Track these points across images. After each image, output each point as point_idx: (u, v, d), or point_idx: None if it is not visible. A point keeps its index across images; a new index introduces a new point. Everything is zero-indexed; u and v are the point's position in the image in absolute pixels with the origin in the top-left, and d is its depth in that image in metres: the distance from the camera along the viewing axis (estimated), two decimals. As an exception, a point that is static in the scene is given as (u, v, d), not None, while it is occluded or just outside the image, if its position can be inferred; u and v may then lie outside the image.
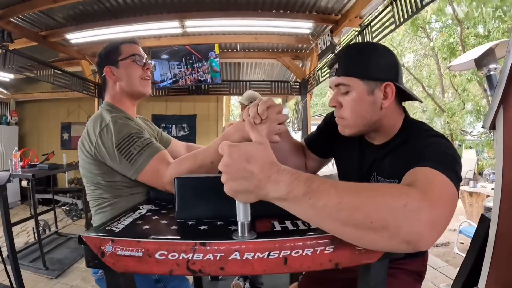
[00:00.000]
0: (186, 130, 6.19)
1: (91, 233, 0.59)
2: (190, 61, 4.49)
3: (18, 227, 4.10)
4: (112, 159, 0.96)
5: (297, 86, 4.94)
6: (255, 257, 0.54)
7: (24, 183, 5.16)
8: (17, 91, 6.56)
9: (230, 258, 0.54)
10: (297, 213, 0.52)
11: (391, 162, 0.86)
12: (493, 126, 1.19)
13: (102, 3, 3.20)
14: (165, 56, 4.46)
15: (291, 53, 4.84)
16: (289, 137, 1.11)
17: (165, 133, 1.44)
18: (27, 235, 4.22)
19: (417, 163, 0.64)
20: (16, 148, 3.22)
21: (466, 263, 1.08)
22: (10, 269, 2.31)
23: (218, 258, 0.54)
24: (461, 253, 3.44)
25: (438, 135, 0.79)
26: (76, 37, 3.78)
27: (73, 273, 3.03)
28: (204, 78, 4.62)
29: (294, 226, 0.64)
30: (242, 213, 0.56)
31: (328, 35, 3.57)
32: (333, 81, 0.86)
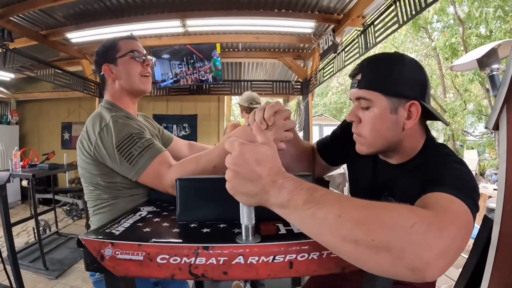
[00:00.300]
0: (187, 130, 6.18)
1: (90, 236, 0.57)
2: (192, 61, 4.48)
3: (18, 227, 4.10)
4: (112, 160, 0.94)
5: (299, 86, 4.91)
6: (260, 261, 0.52)
7: (24, 183, 5.15)
8: (18, 90, 6.56)
9: (233, 262, 0.52)
10: (296, 223, 0.51)
11: (405, 184, 0.80)
12: (496, 127, 1.17)
13: (103, 2, 3.19)
14: (166, 56, 4.45)
15: (293, 53, 4.82)
16: (298, 140, 1.06)
17: (166, 130, 1.42)
18: (27, 235, 4.21)
19: (433, 188, 0.60)
20: (16, 148, 3.21)
21: (469, 264, 1.07)
22: (9, 269, 2.30)
23: (221, 262, 0.52)
24: (463, 254, 3.40)
25: (458, 161, 0.73)
26: (77, 36, 3.77)
27: (73, 273, 3.02)
28: (206, 77, 4.60)
29: (300, 229, 0.62)
30: (246, 215, 0.55)
31: (330, 34, 3.56)
32: (354, 94, 0.80)
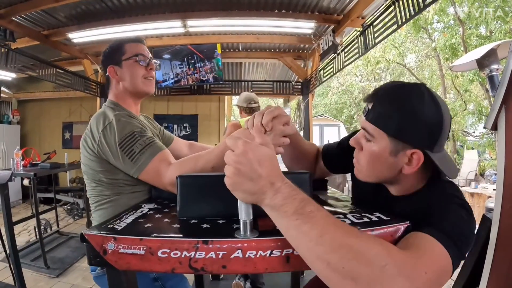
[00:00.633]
0: (187, 130, 6.20)
1: (93, 231, 0.59)
2: (192, 61, 4.50)
3: (19, 226, 4.10)
4: (114, 157, 0.96)
5: (299, 86, 4.93)
6: (258, 255, 0.54)
7: (25, 182, 5.15)
8: (19, 90, 6.59)
9: (232, 256, 0.54)
10: (281, 228, 0.53)
11: (402, 214, 0.76)
12: (495, 127, 1.18)
13: (104, 2, 3.21)
14: (167, 56, 4.47)
15: (293, 53, 4.83)
16: (300, 143, 1.03)
17: (167, 131, 1.44)
18: (29, 234, 4.22)
19: (422, 227, 0.59)
20: (18, 147, 3.22)
21: (467, 264, 1.07)
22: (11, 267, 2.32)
23: (220, 256, 0.54)
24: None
25: (461, 204, 0.69)
26: (78, 37, 3.79)
27: (74, 272, 3.04)
28: (206, 78, 4.62)
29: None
30: (244, 211, 0.56)
31: (330, 35, 3.57)
32: (361, 122, 0.78)
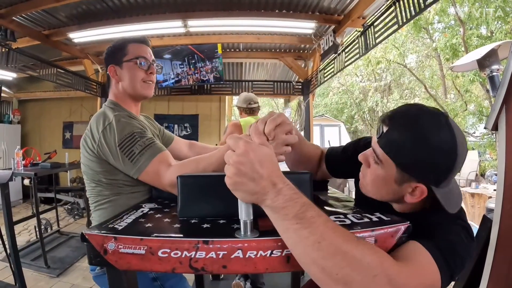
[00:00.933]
0: (188, 130, 6.20)
1: (94, 230, 0.59)
2: (193, 61, 4.50)
3: (20, 225, 4.11)
4: (114, 157, 0.96)
5: (300, 86, 4.92)
6: (258, 255, 0.54)
7: (26, 182, 5.15)
8: (20, 90, 6.59)
9: (232, 256, 0.54)
10: (279, 229, 0.53)
11: None
12: (495, 127, 1.18)
13: (105, 2, 3.21)
14: (167, 56, 4.47)
15: (294, 53, 4.83)
16: (302, 148, 1.00)
17: (167, 130, 1.44)
18: (29, 233, 4.23)
19: (421, 239, 0.60)
20: (18, 147, 3.22)
21: (468, 264, 1.07)
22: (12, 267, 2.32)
23: (220, 256, 0.54)
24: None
25: (463, 226, 0.69)
26: (79, 36, 3.80)
27: (75, 272, 3.04)
28: (207, 78, 4.62)
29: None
30: (245, 211, 0.56)
31: (331, 35, 3.57)
32: (373, 142, 0.75)
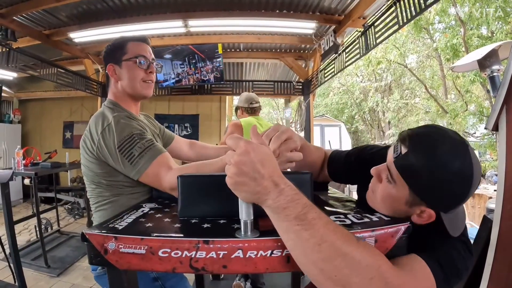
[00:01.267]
0: (188, 130, 6.19)
1: (94, 230, 0.59)
2: (193, 61, 4.50)
3: (20, 225, 4.11)
4: (114, 159, 0.96)
5: (300, 87, 4.91)
6: (258, 255, 0.54)
7: (26, 182, 5.15)
8: (20, 89, 6.59)
9: (233, 256, 0.54)
10: (279, 229, 0.53)
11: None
12: (495, 128, 1.18)
13: (106, 2, 3.21)
14: (168, 56, 4.47)
15: (294, 53, 4.83)
16: (306, 158, 0.95)
17: (167, 130, 1.43)
18: (29, 233, 4.22)
19: (420, 251, 0.61)
20: (18, 147, 3.23)
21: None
22: (11, 267, 2.32)
23: (221, 256, 0.54)
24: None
25: (463, 241, 0.69)
26: (80, 36, 3.80)
27: (75, 271, 3.04)
28: (207, 77, 4.62)
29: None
30: (245, 211, 0.56)
31: (331, 35, 3.57)
32: (389, 160, 0.73)
